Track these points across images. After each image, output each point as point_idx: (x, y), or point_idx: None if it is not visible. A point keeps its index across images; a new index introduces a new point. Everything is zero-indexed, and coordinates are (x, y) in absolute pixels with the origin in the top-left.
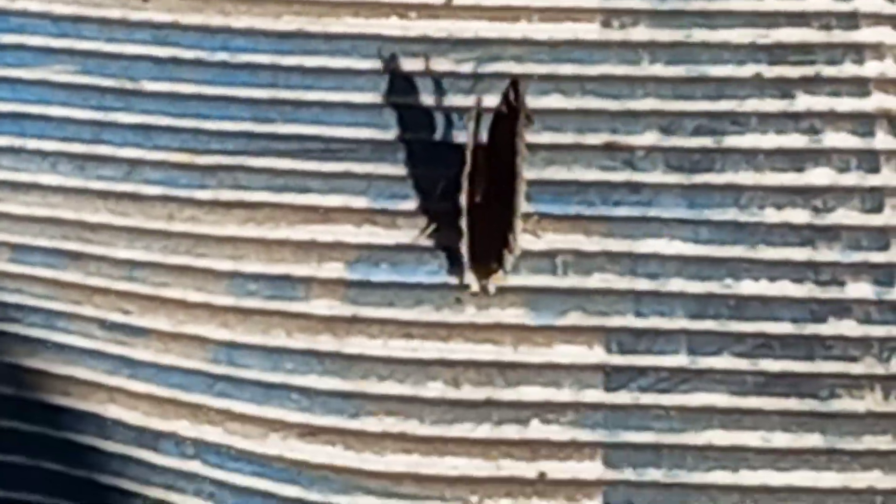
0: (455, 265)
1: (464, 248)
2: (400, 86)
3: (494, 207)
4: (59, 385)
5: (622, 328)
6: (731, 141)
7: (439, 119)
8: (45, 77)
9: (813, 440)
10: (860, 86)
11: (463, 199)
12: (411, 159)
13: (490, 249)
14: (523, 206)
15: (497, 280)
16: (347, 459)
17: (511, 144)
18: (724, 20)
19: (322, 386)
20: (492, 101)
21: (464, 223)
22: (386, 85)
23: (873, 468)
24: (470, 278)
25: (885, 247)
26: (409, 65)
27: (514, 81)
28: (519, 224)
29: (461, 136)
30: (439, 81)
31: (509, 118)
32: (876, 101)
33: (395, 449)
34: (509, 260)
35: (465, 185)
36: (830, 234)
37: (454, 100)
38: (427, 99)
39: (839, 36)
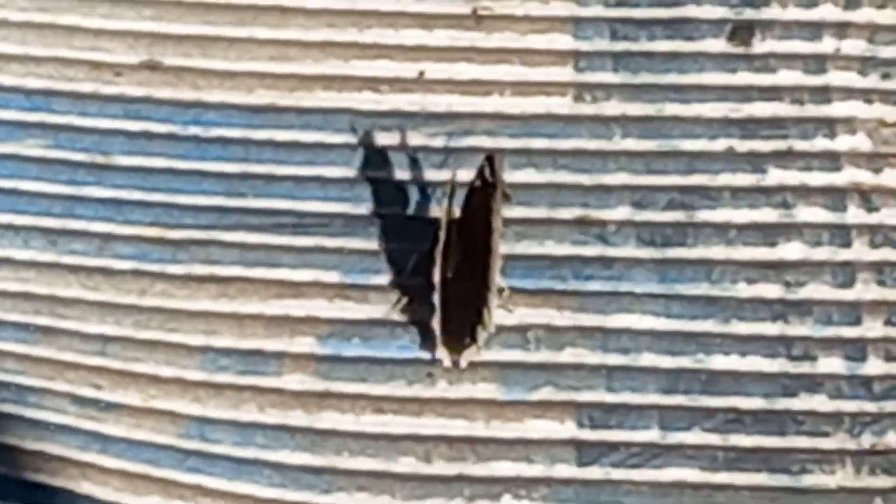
0: (426, 340)
1: (436, 324)
2: (372, 160)
3: (467, 282)
4: (31, 461)
5: (594, 403)
6: (703, 215)
7: (411, 193)
8: (17, 151)
9: None
10: (832, 160)
11: (436, 275)
12: (383, 234)
13: (462, 324)
14: (498, 281)
15: (470, 355)
16: None
17: (485, 219)
18: (697, 94)
19: (294, 461)
20: (464, 175)
21: (437, 298)
22: (358, 159)
23: None
24: (442, 353)
25: (856, 321)
26: (381, 139)
27: (490, 157)
28: (494, 300)
29: (433, 211)
30: (411, 155)
31: (483, 193)
32: (847, 176)
33: None
34: (483, 335)
35: (439, 261)
36: (802, 308)
37: (426, 174)
38: (399, 173)
39: (811, 110)
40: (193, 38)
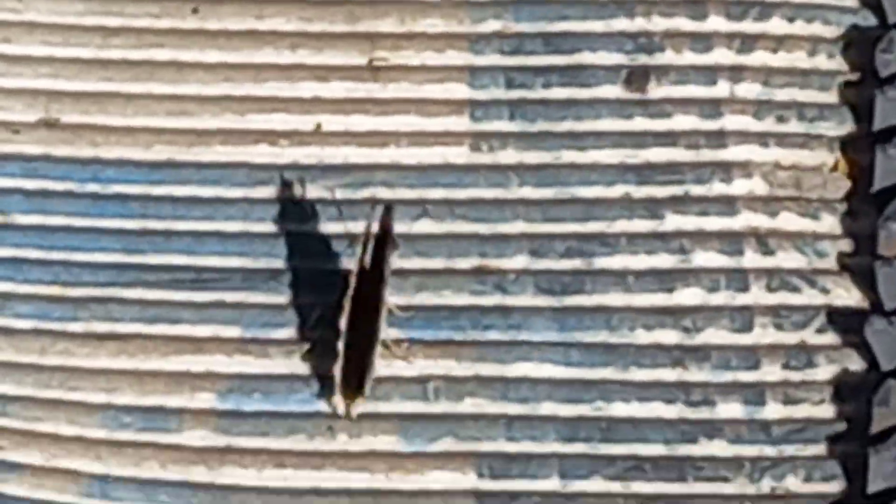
0: (326, 392)
1: (337, 371)
2: (270, 214)
3: (358, 333)
4: None
5: (494, 453)
6: (601, 262)
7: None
8: None
9: None
10: (728, 204)
11: (343, 322)
12: (283, 288)
13: (355, 375)
14: (389, 331)
15: (359, 405)
16: None
17: (379, 270)
18: (593, 141)
19: None
20: (360, 226)
21: (341, 345)
22: (256, 213)
23: None
24: (338, 401)
25: (754, 366)
26: (280, 192)
27: (388, 207)
28: (378, 349)
29: (333, 263)
30: (309, 208)
31: (380, 244)
32: (744, 220)
33: None
34: (369, 385)
35: (347, 308)
36: (700, 354)
37: (325, 226)
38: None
39: (707, 155)
40: (91, 94)
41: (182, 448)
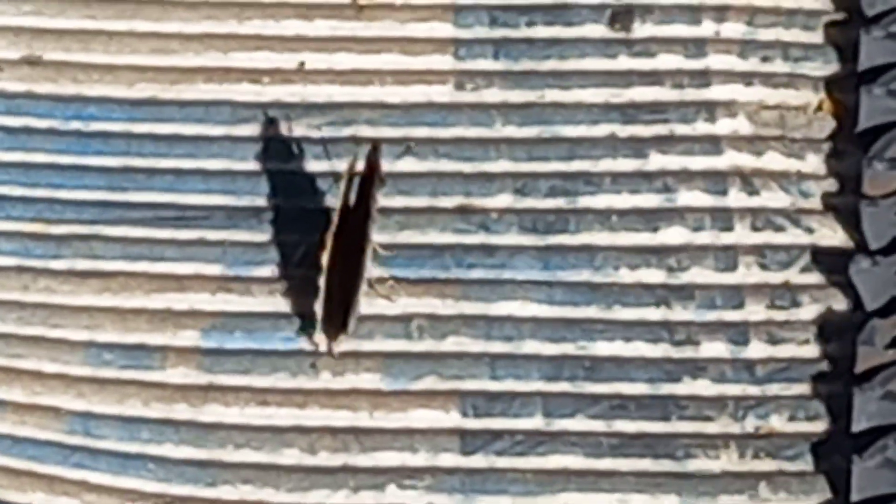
0: (308, 330)
1: (318, 307)
2: (253, 152)
3: (342, 271)
4: None
5: (477, 391)
6: (585, 201)
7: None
8: None
9: (669, 501)
10: (713, 144)
11: (324, 259)
12: (266, 225)
13: (339, 313)
14: (372, 270)
15: (342, 342)
16: None
17: (365, 208)
18: (578, 80)
19: (178, 455)
20: (343, 165)
21: (322, 281)
22: (239, 151)
23: None
24: (320, 338)
25: (739, 305)
26: (263, 130)
27: (375, 145)
28: (363, 287)
29: (316, 201)
30: (292, 146)
31: (368, 182)
32: (728, 159)
33: None
34: (352, 323)
35: (329, 244)
36: (684, 293)
37: (308, 164)
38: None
39: (691, 94)
40: (73, 32)
41: (164, 385)
